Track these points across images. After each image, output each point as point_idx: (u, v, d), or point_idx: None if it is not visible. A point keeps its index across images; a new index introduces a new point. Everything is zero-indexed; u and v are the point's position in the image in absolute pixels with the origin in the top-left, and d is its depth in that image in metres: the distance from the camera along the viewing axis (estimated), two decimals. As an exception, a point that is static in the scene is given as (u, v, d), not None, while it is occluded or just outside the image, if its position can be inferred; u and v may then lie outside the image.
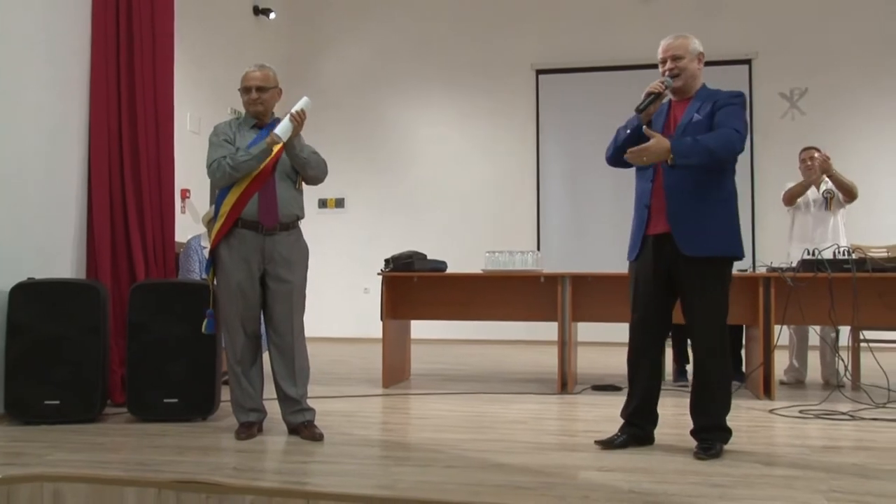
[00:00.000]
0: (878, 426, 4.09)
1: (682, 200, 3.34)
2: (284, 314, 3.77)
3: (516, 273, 5.56)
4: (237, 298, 3.72)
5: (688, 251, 3.31)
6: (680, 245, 3.33)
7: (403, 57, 10.18)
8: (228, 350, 3.82)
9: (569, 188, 9.57)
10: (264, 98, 3.81)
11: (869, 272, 4.78)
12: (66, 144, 4.59)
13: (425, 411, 4.66)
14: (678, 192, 3.35)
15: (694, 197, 3.34)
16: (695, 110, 3.40)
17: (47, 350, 4.01)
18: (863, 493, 2.77)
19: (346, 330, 9.61)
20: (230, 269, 3.71)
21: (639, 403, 3.53)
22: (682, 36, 3.49)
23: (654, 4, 9.39)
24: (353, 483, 2.90)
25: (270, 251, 3.73)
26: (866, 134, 8.79)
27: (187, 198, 7.49)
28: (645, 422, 3.54)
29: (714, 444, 3.31)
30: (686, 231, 3.33)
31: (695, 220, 3.33)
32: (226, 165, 3.65)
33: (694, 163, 3.25)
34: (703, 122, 3.35)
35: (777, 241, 8.65)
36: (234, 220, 3.69)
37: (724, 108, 3.36)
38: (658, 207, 3.40)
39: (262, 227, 3.71)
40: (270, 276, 3.75)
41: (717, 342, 3.36)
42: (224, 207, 3.70)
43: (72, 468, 3.08)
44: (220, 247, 3.74)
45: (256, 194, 3.69)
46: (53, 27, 4.52)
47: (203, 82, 7.94)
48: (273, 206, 3.72)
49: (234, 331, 3.76)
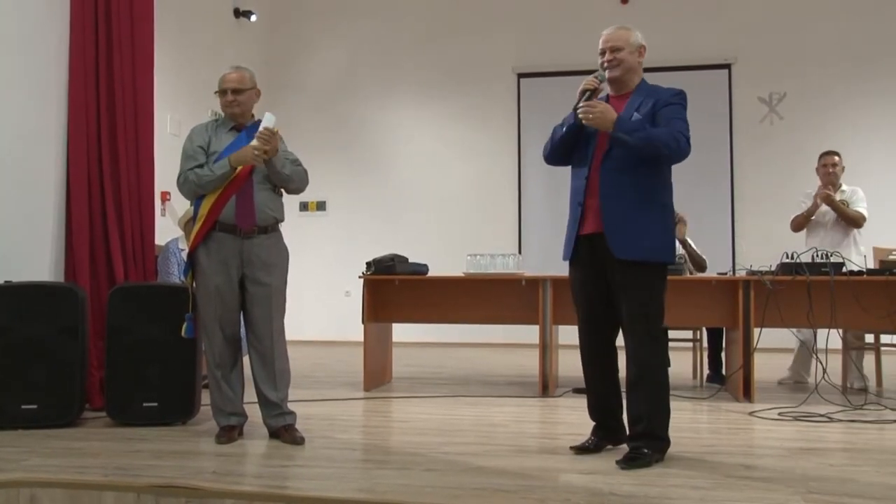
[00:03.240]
0: (855, 428, 4.13)
1: (617, 202, 3.27)
2: (263, 317, 3.75)
3: (497, 276, 5.56)
4: (215, 302, 3.70)
5: (620, 254, 3.25)
6: (612, 247, 3.26)
7: (385, 59, 10.17)
8: (208, 354, 3.80)
9: (550, 191, 9.57)
10: (241, 100, 3.79)
11: (846, 275, 4.84)
12: (45, 147, 4.55)
13: (406, 414, 4.65)
14: (614, 194, 3.28)
15: (629, 200, 3.27)
16: (634, 107, 3.30)
17: (25, 354, 3.96)
18: (840, 495, 2.79)
19: (328, 333, 9.58)
20: (208, 273, 3.70)
21: (600, 403, 3.51)
22: (623, 27, 3.42)
23: (634, 8, 9.44)
24: (333, 486, 2.90)
25: (249, 254, 3.71)
26: (845, 138, 8.86)
27: (167, 200, 7.44)
28: (611, 419, 3.49)
29: (644, 453, 3.21)
30: (619, 233, 3.26)
31: (629, 222, 3.26)
32: (192, 181, 3.67)
33: (631, 142, 3.18)
34: (643, 122, 3.26)
35: (756, 245, 8.77)
36: (212, 222, 3.68)
37: (666, 107, 3.29)
38: (592, 206, 3.33)
39: (240, 230, 3.69)
40: (249, 279, 3.74)
41: (645, 348, 3.29)
42: (202, 210, 3.69)
43: (49, 473, 3.04)
44: (199, 250, 3.72)
45: (234, 197, 3.67)
46: (31, 29, 4.48)
47: (183, 84, 7.89)
48: (250, 208, 3.70)
49: (212, 334, 3.74)
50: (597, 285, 3.41)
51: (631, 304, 3.29)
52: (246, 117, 3.86)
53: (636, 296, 3.29)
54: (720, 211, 8.97)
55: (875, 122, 9.00)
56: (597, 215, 3.31)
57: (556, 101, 9.63)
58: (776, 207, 8.43)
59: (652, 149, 3.22)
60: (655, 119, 3.27)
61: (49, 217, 4.56)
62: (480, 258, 5.69)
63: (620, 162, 3.28)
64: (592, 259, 3.37)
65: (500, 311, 5.64)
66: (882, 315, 4.85)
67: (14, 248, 4.31)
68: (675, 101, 3.32)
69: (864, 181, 6.05)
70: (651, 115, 3.28)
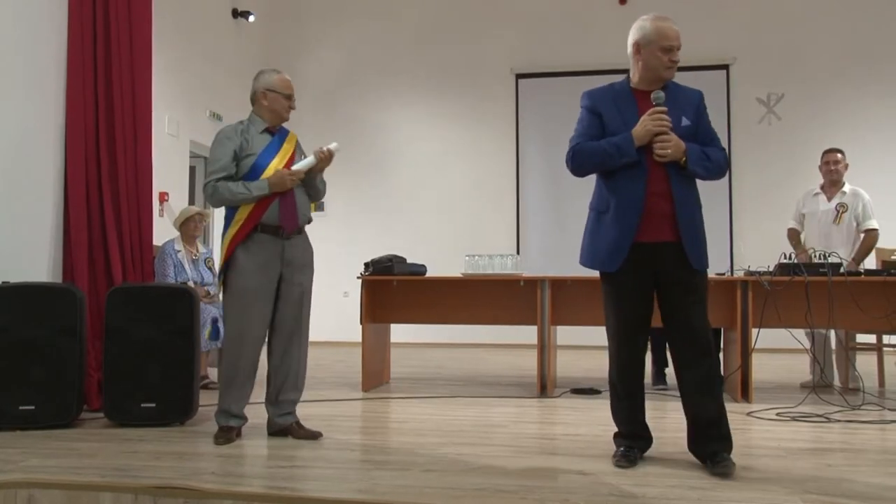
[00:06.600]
0: (853, 428, 4.13)
1: (688, 209, 3.18)
2: (295, 317, 3.81)
3: (496, 276, 5.57)
4: (255, 302, 3.70)
5: (696, 264, 3.16)
6: (690, 257, 3.14)
7: (383, 60, 10.17)
8: (235, 355, 3.74)
9: (548, 191, 9.59)
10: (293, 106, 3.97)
11: (844, 276, 4.84)
12: (43, 148, 4.54)
13: (405, 415, 4.65)
14: (686, 201, 3.18)
15: (694, 206, 3.22)
16: (679, 111, 3.21)
17: (23, 354, 3.96)
18: (838, 495, 2.80)
19: (326, 333, 9.56)
20: (249, 273, 3.69)
21: (634, 415, 3.35)
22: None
23: (632, 9, 9.44)
24: (331, 487, 2.90)
25: (289, 255, 3.77)
26: (843, 139, 8.84)
27: (165, 201, 7.43)
28: (644, 429, 3.37)
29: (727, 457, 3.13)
30: (693, 242, 3.16)
31: (698, 230, 3.20)
32: (226, 197, 3.68)
33: (702, 174, 3.18)
34: (691, 129, 3.21)
35: (754, 245, 8.78)
36: (254, 225, 3.69)
37: (703, 115, 3.28)
38: (655, 212, 3.15)
39: (283, 232, 3.73)
40: (286, 279, 3.77)
41: (712, 356, 3.23)
42: (241, 213, 3.69)
43: (47, 474, 3.04)
44: (238, 252, 3.70)
45: (277, 199, 3.71)
46: (29, 30, 4.48)
47: (182, 85, 7.89)
48: (294, 210, 3.77)
49: (246, 335, 3.72)
50: (647, 295, 3.28)
51: (698, 313, 3.19)
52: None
53: (702, 306, 3.21)
54: (718, 211, 8.95)
55: (873, 123, 9.00)
56: (663, 222, 3.16)
57: (555, 101, 9.78)
58: (774, 208, 8.47)
59: (713, 177, 3.23)
60: (698, 128, 3.25)
61: (47, 217, 4.56)
62: (479, 259, 5.70)
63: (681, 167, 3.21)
64: (642, 267, 3.21)
65: (498, 311, 5.64)
66: (880, 315, 4.86)
67: (12, 249, 4.31)
68: (705, 108, 3.30)
69: (862, 182, 6.04)
70: (696, 122, 3.24)
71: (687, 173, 3.18)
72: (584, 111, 3.38)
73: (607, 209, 3.25)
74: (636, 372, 3.34)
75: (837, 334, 5.63)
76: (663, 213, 3.16)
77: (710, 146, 3.26)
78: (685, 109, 3.25)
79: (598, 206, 3.32)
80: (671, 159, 3.13)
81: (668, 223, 3.16)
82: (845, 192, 5.78)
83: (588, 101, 3.37)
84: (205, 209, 6.63)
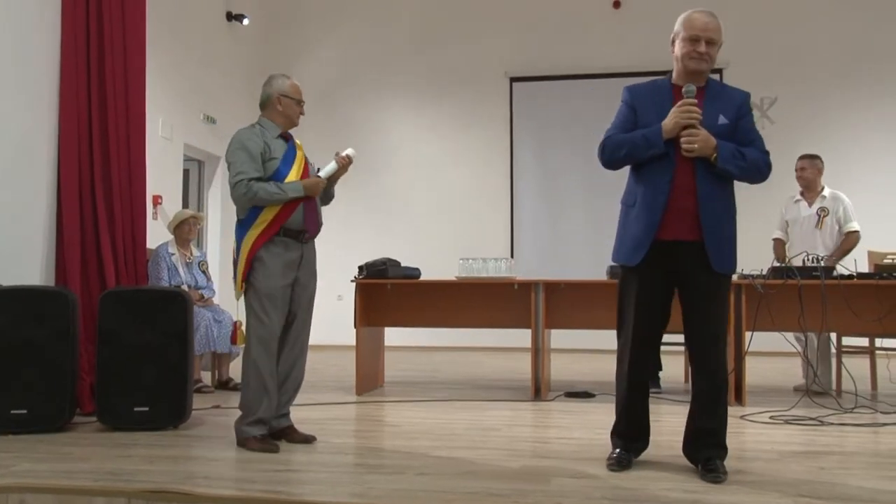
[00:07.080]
0: (846, 431, 4.14)
1: (713, 207, 3.09)
2: (304, 321, 3.86)
3: (490, 280, 5.57)
4: (281, 305, 3.70)
5: (718, 267, 3.09)
6: (712, 259, 3.08)
7: (376, 63, 10.18)
8: (266, 360, 3.65)
9: (542, 194, 9.61)
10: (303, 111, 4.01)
11: (837, 279, 4.86)
12: (36, 150, 4.53)
13: (398, 419, 4.65)
14: (711, 202, 3.09)
15: (722, 210, 3.13)
16: (717, 110, 3.13)
17: (15, 358, 3.94)
18: (831, 498, 2.80)
19: (320, 337, 9.45)
20: (275, 275, 3.68)
21: (639, 419, 3.33)
22: (715, 16, 3.16)
23: (626, 13, 9.47)
24: (325, 491, 2.89)
25: (306, 258, 3.82)
26: (836, 142, 8.91)
27: (159, 204, 7.42)
28: (646, 433, 3.37)
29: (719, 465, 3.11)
30: (716, 243, 3.09)
31: (724, 230, 3.12)
32: (262, 197, 3.64)
33: (735, 172, 3.09)
34: (729, 128, 3.13)
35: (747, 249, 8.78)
36: (279, 228, 3.69)
37: (745, 117, 3.19)
38: (679, 209, 3.09)
39: (305, 236, 3.78)
40: (299, 283, 3.79)
41: (724, 364, 3.20)
42: (266, 215, 3.68)
43: (39, 478, 3.03)
44: (262, 254, 3.68)
45: (302, 204, 3.75)
46: (22, 32, 4.46)
47: (176, 88, 7.88)
48: (317, 215, 3.87)
49: (272, 338, 3.68)
50: (665, 297, 3.21)
51: (716, 318, 3.16)
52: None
53: (720, 312, 3.18)
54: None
55: (866, 126, 9.05)
56: (687, 220, 3.09)
57: (549, 105, 9.79)
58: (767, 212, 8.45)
59: (749, 178, 3.16)
60: (737, 128, 3.16)
61: (40, 220, 4.54)
62: (473, 262, 5.70)
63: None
64: (660, 267, 3.14)
65: (492, 314, 5.64)
66: (873, 319, 4.87)
67: (4, 252, 4.29)
68: (749, 109, 3.22)
69: (854, 185, 6.09)
70: (735, 121, 3.16)
71: (718, 171, 3.09)
72: (622, 105, 3.33)
73: (634, 203, 3.20)
74: (643, 375, 3.31)
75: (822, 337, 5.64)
76: (686, 209, 3.09)
77: (749, 147, 3.18)
78: (725, 108, 3.16)
79: (626, 200, 3.28)
80: (699, 154, 3.06)
81: (690, 220, 3.09)
82: (825, 197, 5.83)
83: (627, 95, 3.33)
84: (199, 212, 6.62)
